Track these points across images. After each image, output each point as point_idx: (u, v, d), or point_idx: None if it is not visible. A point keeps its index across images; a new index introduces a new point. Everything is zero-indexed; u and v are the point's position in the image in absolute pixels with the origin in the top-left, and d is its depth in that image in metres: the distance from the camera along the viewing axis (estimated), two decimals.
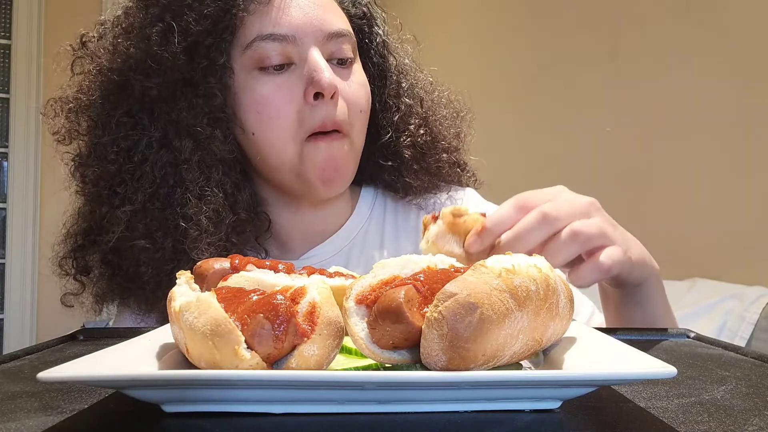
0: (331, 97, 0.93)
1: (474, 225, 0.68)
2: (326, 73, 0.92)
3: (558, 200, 0.72)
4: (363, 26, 1.10)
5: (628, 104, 2.74)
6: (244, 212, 0.98)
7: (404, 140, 1.09)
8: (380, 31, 1.11)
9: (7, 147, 3.77)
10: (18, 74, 3.78)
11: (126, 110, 0.95)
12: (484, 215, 0.70)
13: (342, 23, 1.00)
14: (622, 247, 0.73)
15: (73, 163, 1.01)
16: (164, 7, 0.93)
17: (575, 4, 3.02)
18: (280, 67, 0.94)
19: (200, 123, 0.93)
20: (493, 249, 0.68)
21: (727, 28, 2.35)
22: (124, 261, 0.98)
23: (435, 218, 0.69)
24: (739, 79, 2.32)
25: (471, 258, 0.68)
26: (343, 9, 1.04)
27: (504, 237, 0.68)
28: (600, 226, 0.71)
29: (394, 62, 1.13)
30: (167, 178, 0.94)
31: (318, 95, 0.93)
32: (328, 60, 0.96)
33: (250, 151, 0.99)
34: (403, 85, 1.12)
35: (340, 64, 0.99)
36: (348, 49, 0.99)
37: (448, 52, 3.41)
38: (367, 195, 1.17)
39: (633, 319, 0.88)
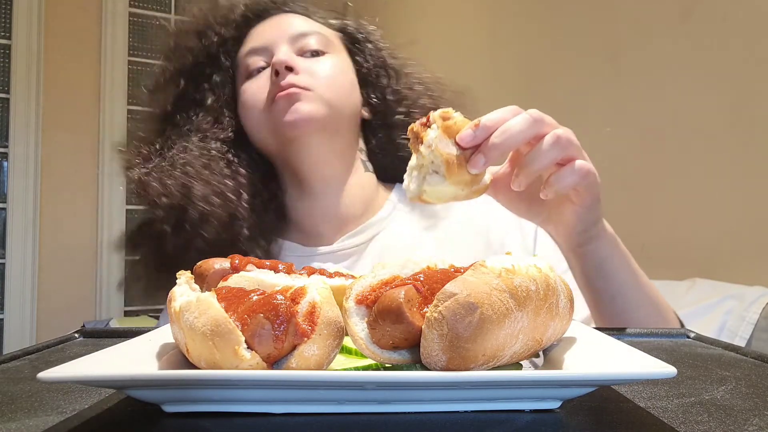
0: (291, 71, 1.04)
1: (463, 126, 0.70)
2: (281, 54, 1.05)
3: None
4: (352, 34, 1.20)
5: (628, 106, 2.74)
6: (270, 210, 1.11)
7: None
8: (371, 39, 1.21)
9: (7, 147, 3.76)
10: (18, 74, 3.78)
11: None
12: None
13: (306, 26, 1.13)
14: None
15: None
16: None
17: (576, 8, 3.03)
18: (261, 70, 1.11)
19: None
20: (482, 146, 0.70)
21: (726, 35, 2.36)
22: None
23: (425, 125, 0.69)
24: (738, 83, 2.33)
25: (463, 158, 0.68)
26: (322, 24, 1.17)
27: (494, 134, 0.71)
28: (577, 142, 0.77)
29: (392, 63, 1.20)
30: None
31: (278, 73, 1.04)
32: (301, 55, 1.09)
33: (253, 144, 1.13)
34: (403, 85, 1.19)
35: (314, 56, 1.11)
36: (315, 43, 1.11)
37: (449, 55, 3.41)
38: (397, 192, 1.21)
39: (599, 291, 0.90)
